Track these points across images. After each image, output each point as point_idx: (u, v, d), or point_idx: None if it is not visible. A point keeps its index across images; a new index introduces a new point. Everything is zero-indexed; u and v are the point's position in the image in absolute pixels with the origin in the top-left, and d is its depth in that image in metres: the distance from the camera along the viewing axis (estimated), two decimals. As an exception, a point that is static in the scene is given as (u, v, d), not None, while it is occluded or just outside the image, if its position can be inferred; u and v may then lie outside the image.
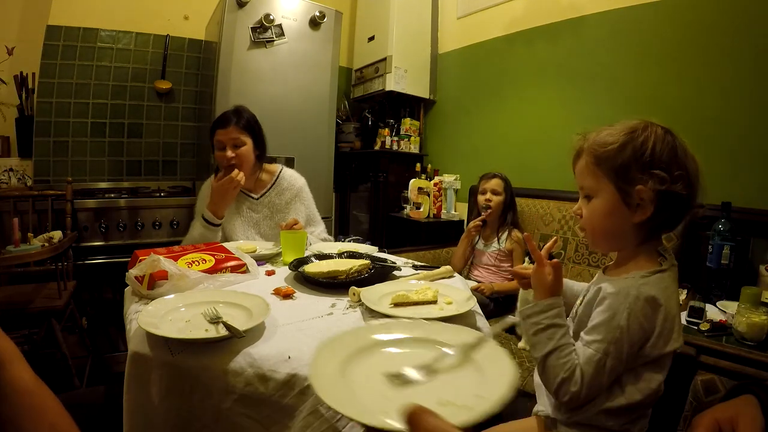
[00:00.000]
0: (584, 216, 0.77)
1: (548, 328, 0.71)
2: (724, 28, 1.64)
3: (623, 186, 0.69)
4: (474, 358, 0.53)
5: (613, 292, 0.68)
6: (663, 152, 0.68)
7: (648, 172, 0.67)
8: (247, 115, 1.54)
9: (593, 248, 0.80)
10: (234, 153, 1.48)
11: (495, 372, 0.49)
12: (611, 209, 0.71)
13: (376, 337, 0.59)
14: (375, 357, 0.55)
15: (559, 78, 2.24)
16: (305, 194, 1.66)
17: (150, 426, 0.66)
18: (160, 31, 2.58)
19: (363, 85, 3.04)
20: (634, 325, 0.65)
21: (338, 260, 1.14)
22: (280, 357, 0.67)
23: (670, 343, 0.68)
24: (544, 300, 0.73)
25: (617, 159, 0.69)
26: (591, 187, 0.74)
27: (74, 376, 1.54)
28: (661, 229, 0.74)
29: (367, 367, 0.53)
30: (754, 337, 1.06)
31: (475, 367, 0.51)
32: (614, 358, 0.66)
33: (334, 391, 0.46)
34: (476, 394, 0.44)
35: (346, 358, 0.53)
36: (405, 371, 0.49)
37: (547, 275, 0.75)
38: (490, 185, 2.00)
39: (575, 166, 0.78)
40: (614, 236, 0.74)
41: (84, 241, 1.98)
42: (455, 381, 0.49)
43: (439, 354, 0.54)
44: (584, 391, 0.66)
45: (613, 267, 0.80)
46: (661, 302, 0.66)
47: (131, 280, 0.90)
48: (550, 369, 0.69)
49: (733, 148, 1.60)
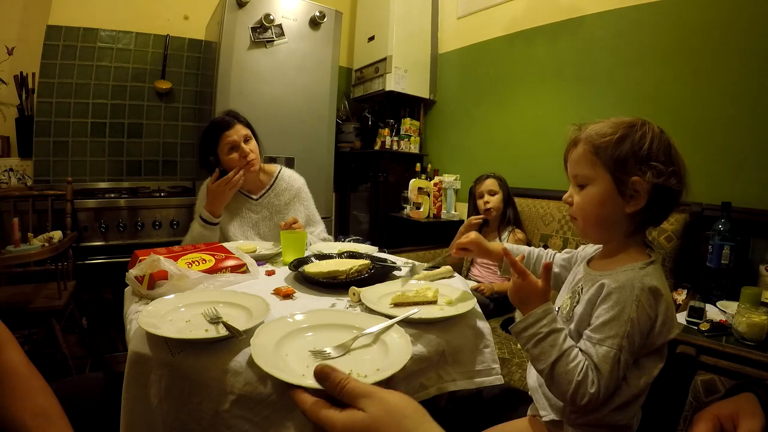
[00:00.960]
0: (576, 204, 0.77)
1: (549, 335, 0.69)
2: (725, 28, 1.64)
3: (620, 176, 0.71)
4: (383, 340, 0.70)
5: (617, 287, 0.68)
6: (660, 148, 0.70)
7: (646, 164, 0.69)
8: (242, 115, 1.56)
9: (583, 236, 0.80)
10: (249, 148, 1.49)
11: (396, 351, 0.66)
12: (605, 198, 0.72)
13: (306, 325, 0.74)
14: (305, 339, 0.71)
15: (559, 78, 2.24)
16: (304, 194, 1.66)
17: (148, 427, 0.66)
18: (160, 31, 2.58)
19: (363, 85, 3.04)
20: (642, 316, 0.66)
21: (338, 260, 1.14)
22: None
23: (672, 331, 0.70)
24: (537, 308, 0.71)
25: (616, 149, 0.71)
26: (586, 176, 0.75)
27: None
28: (649, 223, 0.75)
29: (297, 346, 0.68)
30: (754, 337, 1.06)
31: (381, 346, 0.68)
32: (627, 351, 0.66)
33: (268, 360, 0.60)
34: (378, 368, 0.60)
35: (281, 339, 0.68)
36: (326, 349, 0.66)
37: (535, 283, 0.72)
38: (486, 186, 2.01)
39: (569, 154, 0.79)
40: (605, 225, 0.75)
41: (84, 241, 1.98)
42: (363, 355, 0.66)
43: (355, 336, 0.69)
44: (603, 390, 0.65)
45: (601, 259, 0.81)
46: (662, 291, 0.68)
47: (131, 280, 0.90)
48: (561, 376, 0.67)
49: (733, 148, 1.60)
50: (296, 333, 0.72)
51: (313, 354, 0.65)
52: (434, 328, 0.81)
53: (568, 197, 0.79)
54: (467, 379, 0.85)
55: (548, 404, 0.78)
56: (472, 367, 0.86)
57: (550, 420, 0.77)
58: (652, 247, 0.76)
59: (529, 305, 0.72)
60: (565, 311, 0.79)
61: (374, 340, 0.70)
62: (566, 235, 1.92)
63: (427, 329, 0.80)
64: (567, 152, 0.80)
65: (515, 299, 0.75)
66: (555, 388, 0.69)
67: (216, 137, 1.48)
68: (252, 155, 1.49)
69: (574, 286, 0.81)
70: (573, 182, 0.79)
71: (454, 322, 0.85)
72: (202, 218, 1.46)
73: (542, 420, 0.80)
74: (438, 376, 0.81)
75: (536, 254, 1.00)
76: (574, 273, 0.86)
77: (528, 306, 0.72)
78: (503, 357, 1.42)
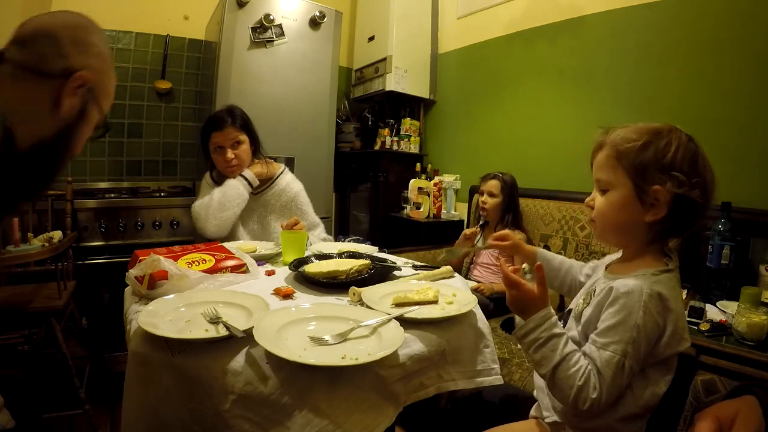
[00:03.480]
0: (597, 208, 0.77)
1: (549, 339, 0.69)
2: (724, 28, 1.64)
3: (640, 183, 0.69)
4: (380, 332, 0.74)
5: (625, 291, 0.67)
6: (685, 158, 0.68)
7: (667, 174, 0.67)
8: (240, 113, 1.55)
9: (601, 240, 0.80)
10: (233, 154, 1.48)
11: (389, 340, 0.70)
12: (625, 204, 0.71)
13: (311, 315, 0.80)
14: (306, 329, 0.76)
15: (559, 78, 2.24)
16: (301, 199, 1.65)
17: (148, 427, 0.66)
18: (160, 31, 2.57)
19: (363, 85, 3.04)
20: (649, 323, 0.65)
21: (338, 260, 1.14)
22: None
23: (682, 343, 0.68)
24: (537, 314, 0.71)
25: (638, 156, 0.69)
26: (608, 181, 0.74)
27: (74, 376, 1.53)
28: (670, 233, 0.73)
29: (298, 332, 0.74)
30: (754, 337, 1.06)
31: (377, 338, 0.73)
32: (632, 358, 0.65)
33: (270, 342, 0.65)
34: (368, 353, 0.66)
35: (283, 326, 0.73)
36: (325, 336, 0.71)
37: (531, 291, 0.72)
38: (487, 187, 2.01)
39: (594, 157, 0.78)
40: (624, 231, 0.75)
41: (84, 241, 1.98)
42: (359, 344, 0.71)
43: (354, 327, 0.74)
44: (604, 396, 0.64)
45: (618, 263, 0.80)
46: (672, 300, 0.67)
47: (131, 280, 0.90)
48: (563, 381, 0.67)
49: (734, 148, 1.60)
50: (299, 322, 0.77)
51: (312, 340, 0.70)
52: (435, 328, 0.81)
53: (590, 201, 0.79)
54: (467, 378, 0.85)
55: (552, 405, 0.78)
56: (472, 367, 0.86)
57: (553, 421, 0.77)
58: (671, 257, 0.74)
59: (529, 313, 0.72)
60: (577, 312, 0.79)
61: (372, 332, 0.74)
62: (566, 235, 1.92)
63: (427, 329, 0.80)
64: (593, 155, 0.79)
65: (514, 309, 0.75)
66: (557, 393, 0.69)
67: (207, 133, 1.52)
68: (235, 161, 1.50)
69: (589, 288, 0.81)
70: (596, 186, 0.78)
71: (454, 321, 0.85)
72: (247, 180, 1.50)
73: (545, 421, 0.79)
74: (438, 375, 0.81)
75: (569, 264, 0.97)
76: (595, 277, 0.86)
77: (528, 314, 0.72)
78: (503, 357, 1.42)
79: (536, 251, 0.98)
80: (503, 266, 0.76)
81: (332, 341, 0.70)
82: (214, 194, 1.47)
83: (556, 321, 0.71)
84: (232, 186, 1.48)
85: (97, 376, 1.86)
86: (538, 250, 0.99)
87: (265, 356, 0.66)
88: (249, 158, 1.55)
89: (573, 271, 0.96)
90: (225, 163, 1.49)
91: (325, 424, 0.63)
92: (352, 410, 0.66)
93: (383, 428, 0.69)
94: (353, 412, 0.66)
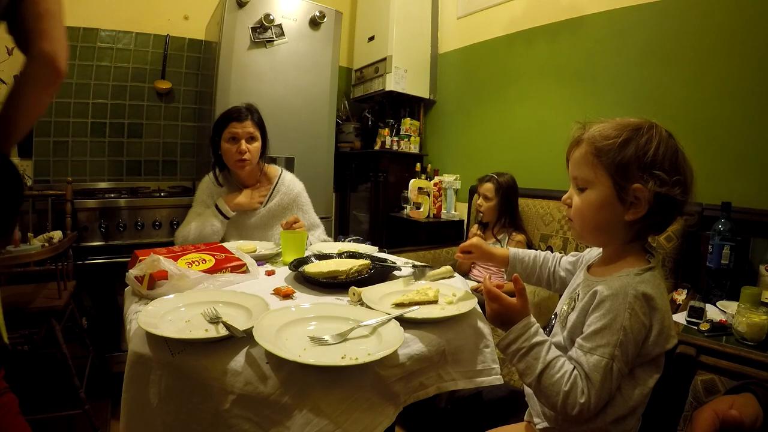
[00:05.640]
0: (575, 206, 0.74)
1: (532, 348, 0.68)
2: (725, 28, 1.64)
3: (621, 182, 0.67)
4: (380, 332, 0.74)
5: (610, 294, 0.66)
6: (666, 155, 0.66)
7: (648, 172, 0.66)
8: (258, 112, 1.59)
9: (579, 240, 0.78)
10: (247, 147, 1.50)
11: (388, 340, 0.71)
12: (604, 203, 0.70)
13: (311, 315, 0.80)
14: (307, 327, 0.77)
15: (559, 78, 2.24)
16: (303, 200, 1.66)
17: (148, 427, 0.66)
18: (160, 31, 2.57)
19: (363, 85, 3.04)
20: (636, 324, 0.64)
21: (338, 260, 1.14)
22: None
23: (670, 341, 0.67)
24: (518, 324, 0.70)
25: (618, 154, 0.67)
26: (586, 179, 0.72)
27: (74, 376, 1.53)
28: (649, 231, 0.72)
29: (297, 332, 0.74)
30: (754, 337, 1.06)
31: (377, 338, 0.73)
32: (620, 361, 0.64)
33: (270, 342, 0.65)
34: (368, 353, 0.66)
35: (283, 326, 0.74)
36: (324, 336, 0.72)
37: (511, 303, 0.72)
38: (483, 189, 2.02)
39: (570, 154, 0.76)
40: (603, 231, 0.73)
41: (84, 241, 1.98)
42: (359, 344, 0.72)
43: (354, 327, 0.75)
44: (593, 400, 0.63)
45: (600, 265, 0.78)
46: (657, 299, 0.66)
47: (131, 280, 0.90)
48: (549, 388, 0.65)
49: (734, 148, 1.60)
50: (299, 322, 0.77)
51: (312, 340, 0.71)
52: (435, 328, 0.81)
53: (567, 198, 0.77)
54: (467, 378, 0.85)
55: (541, 411, 0.77)
56: (472, 367, 0.87)
57: (544, 428, 0.76)
58: (652, 253, 0.73)
59: (510, 324, 0.71)
60: (562, 317, 0.78)
61: (372, 332, 0.75)
62: (566, 235, 1.92)
63: (427, 329, 0.80)
64: (569, 151, 0.77)
65: (496, 323, 0.74)
66: (545, 400, 0.68)
67: (225, 123, 1.53)
68: (247, 155, 1.51)
69: (572, 292, 0.79)
70: (573, 183, 0.76)
71: (454, 321, 0.85)
72: (220, 210, 1.51)
73: (536, 427, 0.78)
74: (438, 375, 0.81)
75: (542, 258, 0.98)
76: (576, 278, 0.84)
77: (509, 326, 0.72)
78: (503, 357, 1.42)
79: (508, 253, 0.98)
80: (485, 281, 0.75)
81: (332, 341, 0.71)
82: (191, 229, 1.50)
83: (538, 329, 0.70)
84: (208, 224, 1.51)
85: (97, 376, 1.86)
86: (510, 251, 0.99)
87: (265, 356, 0.66)
88: (257, 157, 1.56)
89: (548, 264, 0.96)
90: (237, 154, 1.50)
91: (325, 424, 0.63)
92: (351, 410, 0.66)
93: (383, 428, 0.69)
94: (353, 412, 0.66)
